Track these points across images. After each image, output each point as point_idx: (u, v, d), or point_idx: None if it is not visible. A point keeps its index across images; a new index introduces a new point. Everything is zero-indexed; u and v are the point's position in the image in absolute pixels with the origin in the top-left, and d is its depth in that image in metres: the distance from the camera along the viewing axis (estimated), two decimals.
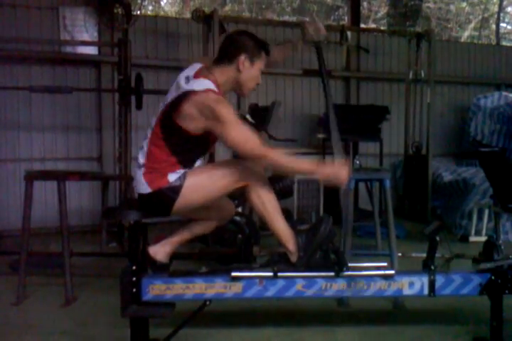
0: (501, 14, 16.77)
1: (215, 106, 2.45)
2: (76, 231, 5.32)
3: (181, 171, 2.59)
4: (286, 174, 2.53)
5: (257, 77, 2.68)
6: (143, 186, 2.60)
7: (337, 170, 2.57)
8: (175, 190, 2.56)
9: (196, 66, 2.67)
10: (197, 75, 2.58)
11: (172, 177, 2.57)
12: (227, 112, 2.47)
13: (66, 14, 6.27)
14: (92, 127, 6.51)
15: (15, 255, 4.02)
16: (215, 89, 2.54)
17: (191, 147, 2.60)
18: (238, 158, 2.77)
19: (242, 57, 2.60)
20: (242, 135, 2.49)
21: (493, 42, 15.17)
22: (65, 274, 3.61)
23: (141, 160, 2.64)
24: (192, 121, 2.51)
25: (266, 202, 2.65)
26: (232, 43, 2.67)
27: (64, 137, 6.40)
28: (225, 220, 3.05)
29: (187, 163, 2.62)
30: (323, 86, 3.13)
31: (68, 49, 6.36)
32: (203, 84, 2.52)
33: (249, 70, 2.63)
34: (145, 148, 2.63)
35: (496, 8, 17.06)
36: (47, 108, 6.27)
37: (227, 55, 2.63)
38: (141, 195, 2.63)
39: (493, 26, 17.37)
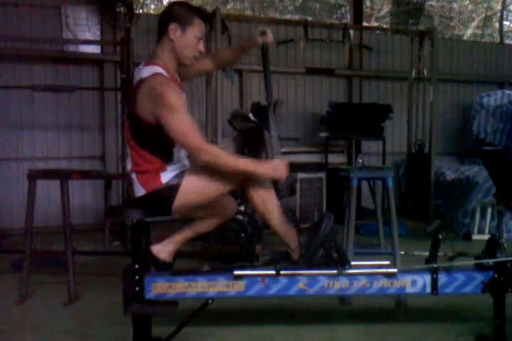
0: (504, 12, 16.72)
1: (161, 89, 2.42)
2: (79, 230, 5.33)
3: (170, 168, 2.58)
4: (221, 169, 2.47)
5: (193, 43, 2.61)
6: (138, 189, 2.60)
7: (274, 167, 2.55)
8: (173, 189, 2.55)
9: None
10: (146, 63, 2.59)
11: (166, 177, 2.57)
12: (173, 98, 2.42)
13: (68, 13, 6.28)
14: (95, 126, 6.52)
15: (18, 253, 4.04)
16: (163, 72, 2.52)
17: (158, 138, 2.54)
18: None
19: (172, 26, 2.56)
20: (183, 124, 2.44)
21: (496, 41, 15.13)
22: (67, 273, 3.62)
23: (129, 165, 2.65)
24: (145, 109, 2.48)
25: (266, 200, 2.64)
26: (162, 15, 2.65)
27: (67, 136, 6.41)
28: (228, 218, 3.05)
29: (165, 156, 2.59)
30: (266, 84, 3.16)
31: (71, 48, 6.36)
32: (150, 69, 2.52)
33: (182, 38, 2.58)
34: (129, 153, 2.65)
35: (499, 6, 17.01)
36: (49, 107, 6.29)
37: (160, 27, 2.63)
38: (139, 198, 2.63)
39: (496, 24, 17.33)
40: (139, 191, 2.60)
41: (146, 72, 2.52)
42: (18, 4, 6.08)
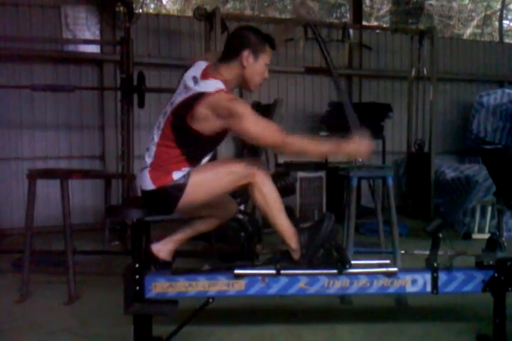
0: (504, 11, 16.72)
1: (229, 105, 2.47)
2: (79, 230, 5.33)
3: (186, 169, 2.59)
4: (311, 156, 2.59)
5: (262, 71, 2.67)
6: (147, 183, 2.60)
7: (358, 144, 2.60)
8: (179, 188, 2.56)
9: (202, 65, 2.67)
10: (204, 75, 2.58)
11: (176, 175, 2.57)
12: (242, 108, 2.49)
13: (68, 13, 6.28)
14: (95, 125, 6.52)
15: (18, 253, 4.04)
16: (224, 87, 2.54)
17: (202, 147, 2.62)
18: (240, 157, 2.77)
19: (246, 53, 2.59)
20: (260, 126, 2.51)
21: (496, 40, 15.13)
22: (68, 272, 3.62)
23: (148, 160, 2.64)
24: (206, 123, 2.51)
25: (269, 199, 2.65)
26: (235, 39, 2.67)
27: (66, 135, 6.41)
28: (228, 218, 3.05)
29: (193, 161, 2.62)
30: (326, 60, 3.08)
31: (70, 47, 6.36)
32: (213, 84, 2.52)
33: (254, 65, 2.62)
34: (153, 150, 2.63)
35: (498, 5, 17.01)
36: (49, 106, 6.29)
37: (231, 51, 2.63)
38: (145, 192, 2.63)
39: (496, 23, 17.33)
40: (148, 185, 2.59)
41: (209, 86, 2.52)
42: (18, 4, 6.08)
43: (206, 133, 2.54)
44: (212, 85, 2.52)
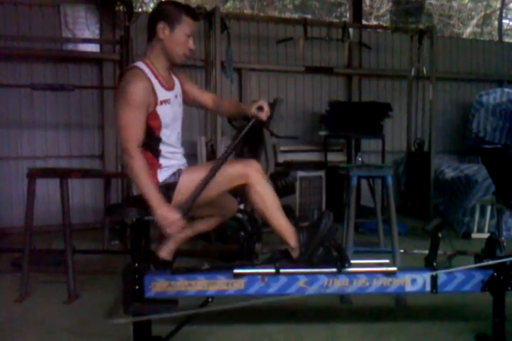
0: (503, 10, 16.71)
1: (128, 79, 2.46)
2: (78, 229, 5.33)
3: (166, 164, 2.59)
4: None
5: (183, 41, 2.60)
6: (135, 187, 2.61)
7: (168, 219, 2.46)
8: (169, 187, 2.56)
9: None
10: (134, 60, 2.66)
11: (162, 175, 2.58)
12: (133, 89, 2.44)
13: (67, 12, 6.27)
14: (94, 125, 6.52)
15: (18, 252, 4.04)
16: (144, 67, 2.54)
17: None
18: (240, 156, 2.76)
19: (161, 25, 2.57)
20: (127, 119, 2.45)
21: (495, 39, 15.12)
22: (67, 271, 3.62)
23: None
24: (115, 99, 2.54)
25: (265, 199, 2.63)
26: (151, 15, 2.66)
27: (66, 135, 6.41)
28: (228, 217, 3.05)
29: (152, 150, 2.60)
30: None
31: (70, 47, 6.36)
32: (132, 65, 2.58)
33: (171, 36, 2.58)
34: None
35: (498, 5, 17.00)
36: (49, 106, 6.28)
37: (149, 28, 2.63)
38: (135, 197, 2.63)
39: (496, 23, 17.32)
40: (136, 189, 2.60)
41: (128, 67, 2.59)
42: (17, 3, 6.07)
43: None
44: (132, 65, 2.57)
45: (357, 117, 6.63)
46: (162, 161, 2.61)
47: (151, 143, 2.60)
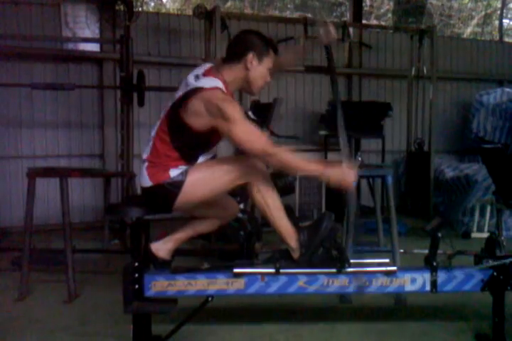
0: (504, 10, 16.71)
1: (221, 105, 2.46)
2: (78, 228, 5.33)
3: (183, 167, 2.60)
4: (291, 172, 2.54)
5: (265, 74, 2.69)
6: (144, 179, 2.62)
7: (344, 172, 2.54)
8: (177, 185, 2.57)
9: (206, 65, 2.71)
10: (206, 74, 2.60)
11: (174, 173, 2.58)
12: (233, 110, 2.47)
13: (68, 11, 6.27)
14: (94, 124, 6.52)
15: (17, 251, 4.04)
16: (223, 87, 2.56)
17: (194, 143, 2.61)
18: (241, 155, 2.77)
19: (251, 55, 2.61)
20: (248, 133, 2.49)
21: (496, 39, 15.12)
22: (67, 271, 3.62)
23: (145, 155, 2.67)
24: (197, 118, 2.52)
25: (268, 198, 2.66)
26: (240, 42, 2.68)
27: (66, 134, 6.40)
28: (229, 220, 3.06)
29: (189, 159, 2.62)
30: (332, 86, 3.07)
31: (70, 46, 6.36)
32: (212, 82, 2.54)
33: (258, 68, 2.64)
34: (150, 143, 2.66)
35: (498, 4, 17.00)
36: (49, 105, 6.28)
37: (235, 53, 2.65)
38: (143, 189, 2.65)
39: (496, 22, 17.32)
40: (145, 182, 2.61)
41: (206, 82, 2.54)
42: (18, 2, 6.06)
43: (197, 129, 2.54)
44: (211, 82, 2.54)
45: (357, 117, 6.62)
46: (182, 166, 2.62)
47: (196, 153, 2.65)
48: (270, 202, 2.66)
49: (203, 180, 2.59)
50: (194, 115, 2.53)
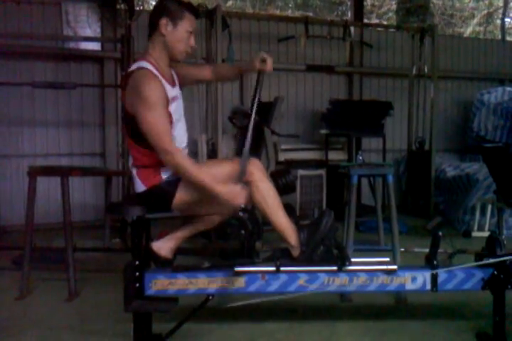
0: (505, 9, 16.69)
1: (140, 83, 2.44)
2: (79, 227, 5.33)
3: None
4: (184, 179, 2.48)
5: (185, 38, 2.63)
6: (138, 185, 2.62)
7: (234, 192, 2.55)
8: (172, 185, 2.56)
9: None
10: (136, 59, 2.64)
11: (166, 173, 2.58)
12: (150, 93, 2.43)
13: (69, 10, 6.27)
14: (95, 123, 6.52)
15: (18, 250, 4.04)
16: (150, 67, 2.54)
17: None
18: (241, 155, 2.77)
19: (164, 21, 2.58)
20: (157, 122, 2.44)
21: (497, 38, 15.10)
22: (68, 269, 3.63)
23: (130, 161, 2.71)
24: (129, 103, 2.51)
25: (267, 197, 2.65)
26: (153, 11, 2.68)
27: (67, 133, 6.41)
28: (229, 215, 3.05)
29: None
30: (250, 109, 2.99)
31: (71, 45, 6.34)
32: (137, 64, 2.56)
33: (174, 32, 2.60)
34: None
35: (500, 3, 16.98)
36: (50, 104, 6.28)
37: (151, 23, 2.64)
38: (139, 194, 2.64)
39: (497, 21, 17.31)
40: (139, 187, 2.62)
41: (133, 66, 2.57)
42: (19, 1, 6.06)
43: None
44: (137, 65, 2.55)
45: (358, 116, 6.62)
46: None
47: None
48: (269, 200, 2.66)
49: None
50: (128, 101, 2.51)
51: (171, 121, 2.59)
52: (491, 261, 2.71)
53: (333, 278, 2.68)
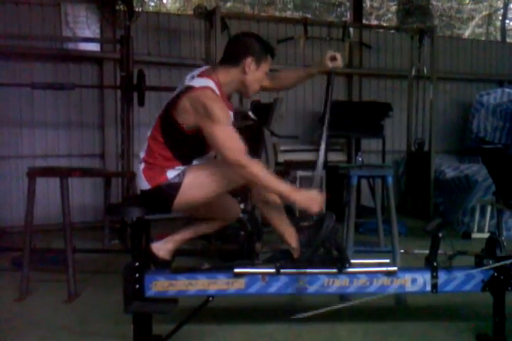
0: (504, 10, 16.72)
1: (208, 103, 2.46)
2: (79, 228, 5.33)
3: (180, 168, 2.59)
4: (260, 187, 2.54)
5: (262, 78, 2.71)
6: (143, 183, 2.62)
7: (311, 199, 2.54)
8: (174, 187, 2.56)
9: (205, 67, 2.74)
10: (201, 74, 2.62)
11: (171, 174, 2.58)
12: (218, 111, 2.46)
13: (68, 11, 6.27)
14: (95, 124, 6.52)
15: (18, 251, 4.03)
16: (215, 88, 2.56)
17: (188, 144, 2.61)
18: None
19: (249, 60, 2.61)
20: (228, 137, 2.48)
21: (497, 39, 15.12)
22: (67, 270, 3.62)
23: (142, 154, 2.68)
24: (186, 116, 2.53)
25: (267, 199, 2.66)
26: (238, 45, 2.69)
27: (66, 134, 6.40)
28: (231, 221, 3.05)
29: (184, 159, 2.62)
30: (323, 112, 3.14)
31: (70, 46, 6.36)
32: (204, 82, 2.56)
33: (255, 72, 2.65)
34: (146, 144, 2.67)
35: (499, 4, 17.00)
36: (49, 105, 6.28)
37: (233, 56, 2.65)
38: (142, 192, 2.65)
39: (497, 23, 17.33)
40: (143, 185, 2.61)
41: (198, 82, 2.56)
42: (18, 2, 6.06)
43: (187, 127, 2.54)
44: (203, 82, 2.55)
45: (357, 117, 6.62)
46: (179, 167, 2.62)
47: (192, 156, 2.65)
48: (270, 202, 2.66)
49: (201, 180, 2.58)
50: (183, 113, 2.53)
51: None
52: (491, 263, 2.71)
53: (333, 279, 2.68)
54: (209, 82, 2.56)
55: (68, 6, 6.28)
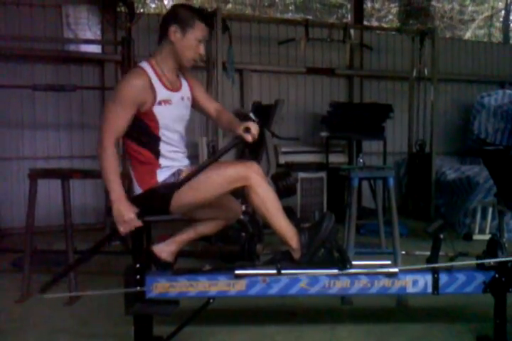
0: (504, 12, 16.70)
1: (123, 77, 2.56)
2: (80, 229, 5.33)
3: (166, 165, 2.62)
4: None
5: (194, 46, 2.64)
6: (135, 187, 2.63)
7: (122, 218, 2.53)
8: (169, 188, 2.56)
9: None
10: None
11: (162, 175, 2.58)
12: (123, 86, 2.50)
13: (69, 12, 6.28)
14: (96, 125, 6.49)
15: (19, 253, 4.04)
16: (147, 67, 2.58)
17: (138, 129, 2.60)
18: (241, 157, 2.77)
19: (173, 28, 2.61)
20: (110, 114, 2.51)
21: (499, 41, 15.11)
22: (68, 272, 3.62)
23: (128, 162, 2.75)
24: None
25: (266, 201, 2.61)
26: (164, 17, 2.70)
27: (68, 135, 6.41)
28: (232, 221, 3.04)
29: (153, 149, 2.63)
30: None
31: (72, 47, 6.36)
32: (137, 64, 2.64)
33: (183, 40, 2.62)
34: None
35: (500, 6, 16.99)
36: (50, 106, 6.28)
37: (161, 31, 2.68)
38: (134, 198, 2.64)
39: (497, 24, 17.32)
40: (136, 189, 2.62)
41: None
42: (19, 3, 6.07)
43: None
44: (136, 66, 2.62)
45: (358, 118, 6.63)
46: (162, 161, 2.62)
47: (151, 142, 2.63)
48: (268, 203, 2.62)
49: (196, 183, 2.55)
50: None
51: (157, 124, 2.60)
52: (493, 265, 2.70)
53: (334, 281, 2.67)
54: (141, 63, 2.62)
55: (70, 8, 6.28)
